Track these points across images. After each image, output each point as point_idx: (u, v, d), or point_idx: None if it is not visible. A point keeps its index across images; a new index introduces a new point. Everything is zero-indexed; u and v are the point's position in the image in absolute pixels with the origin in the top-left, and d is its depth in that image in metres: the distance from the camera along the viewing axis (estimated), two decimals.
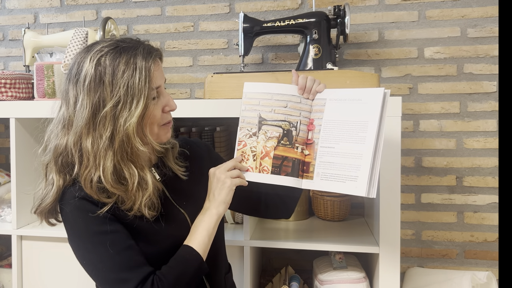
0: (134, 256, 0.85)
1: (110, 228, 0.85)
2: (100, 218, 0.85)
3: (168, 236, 0.91)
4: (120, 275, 0.83)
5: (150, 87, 0.85)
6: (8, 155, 1.78)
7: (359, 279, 1.25)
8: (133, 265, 0.84)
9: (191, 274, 0.87)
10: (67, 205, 0.87)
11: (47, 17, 1.78)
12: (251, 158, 0.95)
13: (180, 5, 1.68)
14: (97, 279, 0.88)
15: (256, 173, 0.94)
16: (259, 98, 0.96)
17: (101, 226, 0.85)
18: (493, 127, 1.49)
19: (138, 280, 0.83)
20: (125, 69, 0.83)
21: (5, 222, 1.42)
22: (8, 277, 1.51)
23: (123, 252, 0.84)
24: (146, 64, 0.85)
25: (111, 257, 0.83)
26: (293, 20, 1.39)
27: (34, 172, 1.42)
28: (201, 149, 1.08)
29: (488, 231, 1.51)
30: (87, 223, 0.85)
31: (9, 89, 1.39)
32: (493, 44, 1.48)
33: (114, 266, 0.84)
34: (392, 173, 1.13)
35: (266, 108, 0.96)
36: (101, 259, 0.84)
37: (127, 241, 0.86)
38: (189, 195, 0.98)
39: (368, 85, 1.22)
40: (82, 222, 0.86)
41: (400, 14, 1.54)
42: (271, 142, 0.95)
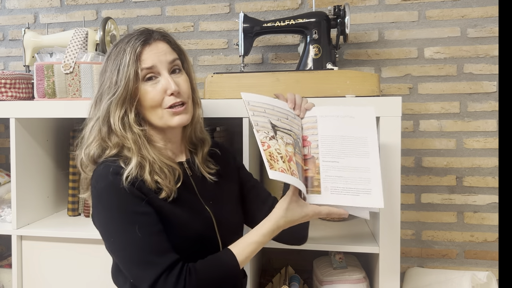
0: (163, 242, 0.85)
1: (144, 209, 0.86)
2: (135, 198, 0.85)
3: (193, 231, 0.91)
4: (148, 257, 0.83)
5: (136, 68, 0.88)
6: (8, 155, 1.78)
7: (359, 279, 1.25)
8: (162, 249, 0.84)
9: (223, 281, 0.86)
10: (101, 180, 0.87)
11: (47, 17, 1.78)
12: (280, 160, 0.87)
13: (180, 5, 1.68)
14: (123, 259, 0.86)
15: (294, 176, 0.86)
16: (263, 107, 0.94)
17: (135, 206, 0.85)
18: (493, 127, 1.49)
19: (166, 266, 0.82)
20: (117, 54, 0.91)
21: (5, 222, 1.42)
22: (8, 277, 1.51)
23: (154, 236, 0.84)
24: (134, 46, 0.89)
25: (141, 239, 0.83)
26: (293, 20, 1.39)
27: (34, 172, 1.43)
28: (229, 154, 1.11)
29: (488, 231, 1.51)
30: (122, 201, 0.85)
31: (9, 89, 1.39)
32: (493, 44, 1.48)
33: (144, 248, 0.83)
34: (392, 173, 1.13)
35: (273, 117, 0.93)
36: (131, 239, 0.84)
37: (158, 225, 0.86)
38: (214, 197, 0.99)
39: (368, 85, 1.22)
40: (116, 199, 0.85)
41: (400, 14, 1.54)
42: (290, 148, 0.90)
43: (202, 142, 1.03)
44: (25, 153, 1.37)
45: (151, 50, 0.91)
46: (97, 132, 0.93)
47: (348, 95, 1.20)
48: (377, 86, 1.23)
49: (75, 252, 1.32)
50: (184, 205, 0.92)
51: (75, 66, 1.32)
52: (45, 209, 1.48)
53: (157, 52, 0.91)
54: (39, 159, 1.44)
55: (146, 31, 0.94)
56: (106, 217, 0.87)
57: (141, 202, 0.86)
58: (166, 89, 0.90)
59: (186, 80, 0.95)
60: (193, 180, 0.98)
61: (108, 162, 0.89)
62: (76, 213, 1.49)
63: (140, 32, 0.93)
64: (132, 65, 0.89)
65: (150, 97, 0.90)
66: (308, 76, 1.25)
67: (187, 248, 0.90)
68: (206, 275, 0.85)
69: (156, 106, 0.91)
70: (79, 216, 1.50)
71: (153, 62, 0.90)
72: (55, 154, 1.53)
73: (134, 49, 0.89)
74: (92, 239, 1.30)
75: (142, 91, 0.91)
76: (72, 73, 1.32)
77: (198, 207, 0.95)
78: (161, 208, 0.88)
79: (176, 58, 0.95)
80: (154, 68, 0.90)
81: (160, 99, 0.91)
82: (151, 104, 0.91)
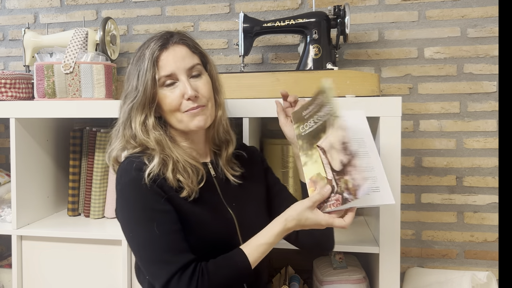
0: (180, 241, 0.86)
1: (163, 207, 0.87)
2: (155, 195, 0.87)
3: (213, 232, 0.91)
4: (164, 256, 0.84)
5: (153, 74, 0.90)
6: (8, 155, 1.78)
7: (359, 279, 1.25)
8: (178, 248, 0.85)
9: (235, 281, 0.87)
10: (125, 175, 0.90)
11: (47, 17, 1.78)
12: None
13: (180, 5, 1.68)
14: (140, 256, 0.88)
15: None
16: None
17: (154, 203, 0.87)
18: (493, 127, 1.49)
19: (181, 265, 0.83)
20: (138, 59, 0.93)
21: (5, 222, 1.42)
22: (8, 277, 1.51)
23: (171, 234, 0.86)
24: (152, 51, 0.92)
25: (159, 237, 0.85)
26: (293, 20, 1.39)
27: (34, 172, 1.43)
28: (256, 155, 1.10)
29: (488, 231, 1.51)
30: (142, 197, 0.87)
31: (9, 89, 1.39)
32: (493, 44, 1.48)
33: (160, 246, 0.85)
34: (392, 173, 1.12)
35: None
36: (149, 237, 0.85)
37: (176, 224, 0.88)
38: (237, 198, 0.99)
39: (368, 85, 1.22)
40: (137, 195, 0.87)
41: (400, 14, 1.54)
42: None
43: (226, 143, 1.03)
44: (25, 153, 1.37)
45: (169, 55, 0.92)
46: (122, 134, 0.96)
47: (348, 95, 1.20)
48: (377, 86, 1.23)
49: (75, 252, 1.32)
50: (205, 205, 0.93)
51: (75, 66, 1.32)
52: (45, 209, 1.48)
53: (174, 57, 0.92)
54: (39, 159, 1.44)
55: (165, 34, 0.95)
56: (127, 212, 0.89)
57: (160, 199, 0.87)
58: (183, 94, 0.91)
59: (207, 83, 0.96)
60: (217, 181, 0.98)
61: (132, 158, 0.92)
62: (76, 213, 1.49)
63: (159, 36, 0.95)
64: (149, 71, 0.91)
65: (169, 101, 0.92)
66: (308, 76, 1.25)
67: (207, 249, 0.89)
68: (218, 275, 0.85)
69: (175, 110, 0.93)
70: (79, 216, 1.50)
71: (171, 69, 0.92)
72: (55, 154, 1.53)
73: (152, 55, 0.91)
74: (92, 239, 1.30)
75: (161, 95, 0.93)
76: (72, 73, 1.32)
77: (220, 208, 0.95)
78: (181, 207, 0.89)
79: (196, 63, 0.95)
80: (172, 75, 0.92)
81: (178, 104, 0.92)
82: (169, 108, 0.93)
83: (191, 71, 0.94)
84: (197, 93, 0.92)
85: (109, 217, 1.45)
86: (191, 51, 0.95)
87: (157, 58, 0.92)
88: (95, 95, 1.34)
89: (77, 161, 1.47)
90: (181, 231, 0.88)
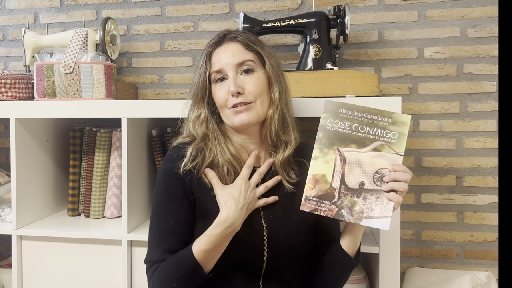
0: (172, 243, 0.91)
1: (176, 208, 0.92)
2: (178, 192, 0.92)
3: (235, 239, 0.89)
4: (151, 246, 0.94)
5: (206, 70, 0.94)
6: (8, 155, 1.78)
7: (359, 279, 1.25)
8: (164, 247, 0.91)
9: (181, 276, 0.87)
10: (163, 163, 0.97)
11: (47, 17, 1.78)
12: None
13: (180, 5, 1.68)
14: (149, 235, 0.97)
15: None
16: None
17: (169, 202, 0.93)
18: (493, 127, 1.49)
19: (153, 260, 0.92)
20: (200, 56, 0.98)
21: (5, 222, 1.42)
22: (8, 277, 1.51)
23: (167, 234, 0.91)
24: (207, 49, 0.96)
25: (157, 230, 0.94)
26: (293, 20, 1.39)
27: (34, 172, 1.43)
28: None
29: (488, 231, 1.51)
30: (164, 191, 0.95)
31: (9, 89, 1.39)
32: (493, 44, 1.48)
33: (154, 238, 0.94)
34: None
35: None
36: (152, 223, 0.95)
37: (179, 228, 0.92)
38: (280, 210, 0.95)
39: (368, 85, 1.22)
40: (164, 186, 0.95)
41: (400, 14, 1.54)
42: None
43: (284, 145, 0.96)
44: (25, 153, 1.37)
45: (219, 52, 0.95)
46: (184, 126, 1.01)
47: (348, 95, 1.20)
48: (377, 86, 1.23)
49: (75, 252, 1.32)
50: None
51: (75, 66, 1.32)
52: (45, 209, 1.48)
53: (225, 53, 0.94)
54: (39, 159, 1.44)
55: (223, 32, 0.99)
56: (153, 197, 0.97)
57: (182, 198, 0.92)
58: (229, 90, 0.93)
59: (257, 79, 0.93)
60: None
61: (177, 147, 0.97)
62: (76, 213, 1.49)
63: (218, 34, 0.98)
64: (203, 67, 0.95)
65: (217, 97, 0.94)
66: (308, 76, 1.25)
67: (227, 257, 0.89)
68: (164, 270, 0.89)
69: (223, 106, 0.94)
70: (79, 216, 1.50)
71: (220, 65, 0.93)
72: (55, 154, 1.53)
73: (206, 52, 0.96)
74: (92, 239, 1.30)
75: (213, 91, 0.96)
76: (72, 73, 1.32)
77: (253, 216, 0.93)
78: (207, 206, 0.92)
79: (247, 59, 0.94)
80: (221, 71, 0.94)
81: (225, 100, 0.93)
82: (219, 104, 0.95)
83: (241, 67, 0.93)
84: (242, 90, 0.91)
85: (109, 217, 1.45)
86: (244, 48, 0.95)
87: (210, 55, 0.95)
88: (95, 95, 1.34)
89: (77, 161, 1.47)
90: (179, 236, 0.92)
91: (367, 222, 0.86)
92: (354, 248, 0.93)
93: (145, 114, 1.23)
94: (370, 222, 0.85)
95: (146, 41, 1.71)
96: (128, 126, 1.25)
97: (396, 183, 0.85)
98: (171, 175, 0.93)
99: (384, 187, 0.85)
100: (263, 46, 0.97)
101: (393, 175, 0.85)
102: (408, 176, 0.85)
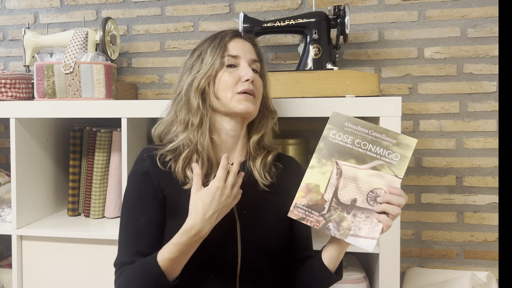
0: (141, 245, 0.90)
1: (143, 207, 0.91)
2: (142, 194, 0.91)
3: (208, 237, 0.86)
4: (121, 247, 0.93)
5: (221, 53, 0.94)
6: (8, 155, 1.78)
7: (359, 279, 1.25)
8: (133, 249, 0.90)
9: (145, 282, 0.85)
10: (133, 164, 0.97)
11: (47, 17, 1.78)
12: None
13: (180, 5, 1.68)
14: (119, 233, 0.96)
15: None
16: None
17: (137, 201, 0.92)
18: (493, 127, 1.49)
19: (122, 262, 0.91)
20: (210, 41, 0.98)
21: (5, 222, 1.42)
22: (8, 277, 1.51)
23: (137, 235, 0.90)
24: (223, 37, 0.97)
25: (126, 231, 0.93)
26: (293, 20, 1.39)
27: (34, 172, 1.43)
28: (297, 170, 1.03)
29: (488, 231, 1.51)
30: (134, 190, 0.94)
31: (9, 89, 1.39)
32: (493, 44, 1.48)
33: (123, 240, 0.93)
34: None
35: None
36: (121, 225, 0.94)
37: (149, 229, 0.90)
38: (254, 208, 0.95)
39: (368, 85, 1.22)
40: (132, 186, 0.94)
41: (400, 14, 1.54)
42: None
43: (268, 151, 1.00)
44: (25, 153, 1.37)
45: (238, 42, 0.98)
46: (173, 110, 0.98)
47: (348, 95, 1.20)
48: (377, 86, 1.23)
49: (75, 252, 1.32)
50: None
51: (75, 66, 1.32)
52: (45, 209, 1.48)
53: (243, 46, 0.98)
54: (39, 159, 1.45)
55: (236, 30, 1.02)
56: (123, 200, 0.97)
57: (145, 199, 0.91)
58: (241, 77, 0.93)
59: (261, 82, 0.99)
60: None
61: (147, 149, 0.97)
62: (76, 213, 1.49)
63: (230, 29, 1.01)
64: (220, 49, 0.95)
65: (225, 80, 0.94)
66: (308, 76, 1.25)
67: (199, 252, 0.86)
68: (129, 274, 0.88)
69: (228, 90, 0.93)
70: (79, 216, 1.50)
71: (238, 52, 0.96)
72: (55, 154, 1.53)
73: (224, 38, 0.97)
74: (92, 239, 1.30)
75: (220, 74, 0.94)
76: (72, 73, 1.32)
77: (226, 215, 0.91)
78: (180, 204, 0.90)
79: (258, 60, 0.99)
80: (237, 58, 0.95)
81: (233, 84, 0.94)
82: (225, 86, 0.93)
83: (253, 64, 0.97)
84: (255, 81, 0.95)
85: (109, 217, 1.45)
86: (255, 52, 1.00)
87: (228, 42, 0.96)
88: (95, 95, 1.34)
89: (77, 161, 1.47)
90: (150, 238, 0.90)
91: (352, 240, 0.83)
92: (336, 263, 0.90)
93: (145, 114, 1.23)
94: (356, 240, 0.83)
95: (146, 41, 1.71)
96: (128, 126, 1.25)
97: (389, 206, 0.83)
98: (140, 175, 0.92)
99: (376, 208, 0.84)
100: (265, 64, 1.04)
101: (388, 197, 0.83)
102: (403, 201, 0.83)
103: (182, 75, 0.99)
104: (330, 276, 0.90)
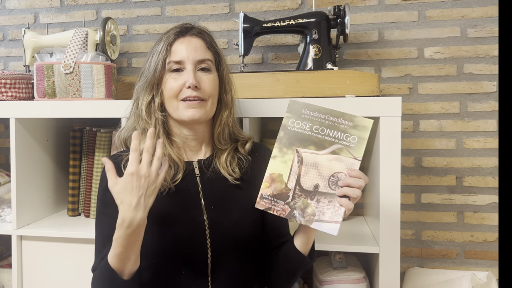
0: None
1: (110, 212, 0.90)
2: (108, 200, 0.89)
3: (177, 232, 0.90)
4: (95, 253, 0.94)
5: (163, 59, 0.93)
6: (8, 155, 1.78)
7: (359, 279, 1.25)
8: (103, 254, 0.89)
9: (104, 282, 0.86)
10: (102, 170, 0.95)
11: (47, 17, 1.78)
12: None
13: (180, 5, 1.68)
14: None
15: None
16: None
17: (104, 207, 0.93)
18: (493, 127, 1.49)
19: (95, 267, 0.92)
20: (156, 42, 0.97)
21: (5, 222, 1.42)
22: (8, 277, 1.51)
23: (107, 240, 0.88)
24: (167, 38, 0.95)
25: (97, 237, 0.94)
26: (293, 20, 1.39)
27: (34, 172, 1.42)
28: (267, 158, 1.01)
29: (488, 231, 1.51)
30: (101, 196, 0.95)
31: (9, 89, 1.39)
32: (493, 44, 1.48)
33: (96, 245, 0.94)
34: (392, 173, 1.13)
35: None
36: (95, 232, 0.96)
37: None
38: (221, 202, 0.95)
39: (368, 85, 1.22)
40: (100, 192, 0.95)
41: (400, 14, 1.54)
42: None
43: (234, 143, 1.02)
44: (25, 153, 1.37)
45: (183, 43, 0.95)
46: (133, 113, 0.99)
47: (348, 95, 1.20)
48: (377, 86, 1.23)
49: (75, 252, 1.32)
50: (176, 203, 0.92)
51: (75, 66, 1.32)
52: (45, 209, 1.48)
53: (188, 46, 0.94)
54: (39, 159, 1.44)
55: (186, 25, 0.98)
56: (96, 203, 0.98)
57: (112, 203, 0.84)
58: (185, 82, 0.92)
59: (213, 80, 0.96)
60: (201, 181, 0.96)
61: (113, 156, 0.97)
62: (76, 213, 1.49)
63: (180, 26, 0.98)
64: (162, 53, 0.94)
65: (170, 87, 0.93)
66: (308, 76, 1.25)
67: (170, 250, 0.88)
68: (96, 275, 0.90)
69: (173, 97, 0.94)
70: (79, 216, 1.50)
71: (181, 57, 0.94)
72: (55, 154, 1.53)
73: (167, 39, 0.95)
74: (92, 239, 1.30)
75: (165, 80, 0.94)
76: (72, 73, 1.32)
77: (193, 209, 0.93)
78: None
79: (207, 58, 0.96)
80: (181, 62, 0.94)
81: (178, 90, 0.93)
82: (169, 94, 0.94)
83: (200, 64, 0.95)
84: (199, 85, 0.93)
85: None
86: (206, 46, 0.97)
87: (172, 43, 0.94)
88: (95, 95, 1.34)
89: (77, 161, 1.47)
90: None
91: (317, 225, 0.85)
92: (307, 248, 0.93)
93: None
94: (320, 225, 0.85)
95: (146, 41, 1.71)
96: None
97: (350, 189, 0.84)
98: (105, 183, 0.88)
99: (337, 192, 0.85)
100: (220, 49, 1.01)
101: (348, 180, 0.84)
102: (362, 182, 0.83)
103: (138, 79, 1.00)
104: (303, 260, 0.92)
